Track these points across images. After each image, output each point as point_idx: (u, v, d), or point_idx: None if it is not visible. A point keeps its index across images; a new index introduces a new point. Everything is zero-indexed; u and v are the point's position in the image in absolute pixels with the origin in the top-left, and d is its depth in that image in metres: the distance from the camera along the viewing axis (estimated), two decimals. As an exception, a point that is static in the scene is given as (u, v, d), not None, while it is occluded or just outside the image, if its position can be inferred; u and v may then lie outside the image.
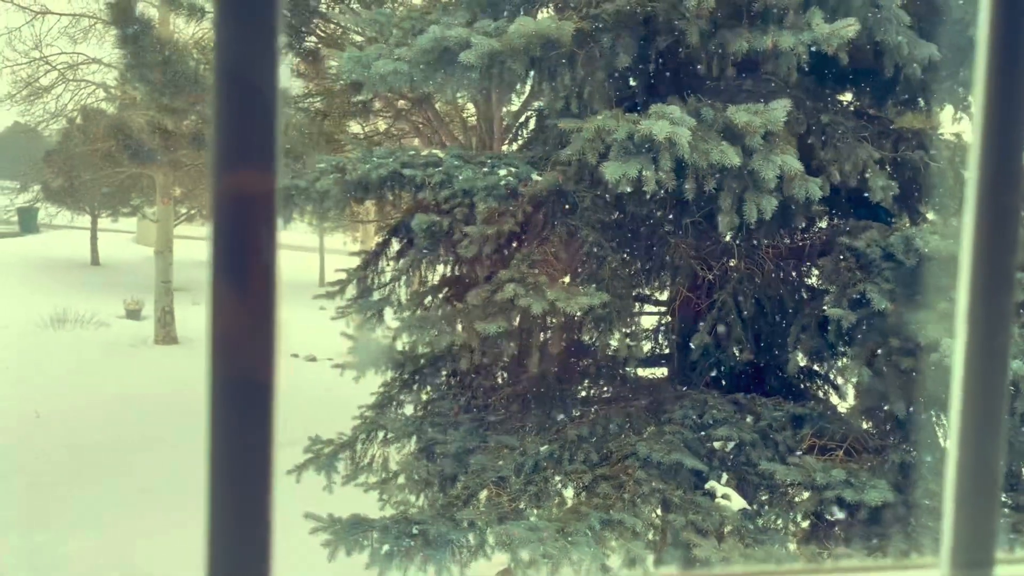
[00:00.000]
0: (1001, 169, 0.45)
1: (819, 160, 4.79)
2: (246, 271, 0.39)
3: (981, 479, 0.46)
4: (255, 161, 0.38)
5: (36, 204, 25.58)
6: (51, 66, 16.13)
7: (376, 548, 4.55)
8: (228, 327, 0.38)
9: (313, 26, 9.36)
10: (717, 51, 4.71)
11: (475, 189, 5.05)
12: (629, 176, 4.01)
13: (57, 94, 16.79)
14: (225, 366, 0.39)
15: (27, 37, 17.56)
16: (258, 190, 0.38)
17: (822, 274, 5.14)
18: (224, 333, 0.38)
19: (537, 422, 5.48)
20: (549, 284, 4.59)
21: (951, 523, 0.46)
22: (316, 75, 10.28)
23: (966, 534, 0.46)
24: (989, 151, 0.45)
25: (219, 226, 0.38)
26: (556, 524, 4.24)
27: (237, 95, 0.38)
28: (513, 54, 4.54)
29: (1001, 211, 0.45)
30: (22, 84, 16.40)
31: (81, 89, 17.39)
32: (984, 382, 0.46)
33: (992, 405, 0.46)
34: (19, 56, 15.88)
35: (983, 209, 0.46)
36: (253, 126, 0.38)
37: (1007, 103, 0.45)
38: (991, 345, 0.46)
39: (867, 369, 4.53)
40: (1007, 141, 0.45)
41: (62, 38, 16.25)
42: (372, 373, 6.75)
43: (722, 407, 5.02)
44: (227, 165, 0.38)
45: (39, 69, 15.82)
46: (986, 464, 0.46)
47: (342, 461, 6.04)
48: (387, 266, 6.44)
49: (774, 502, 4.93)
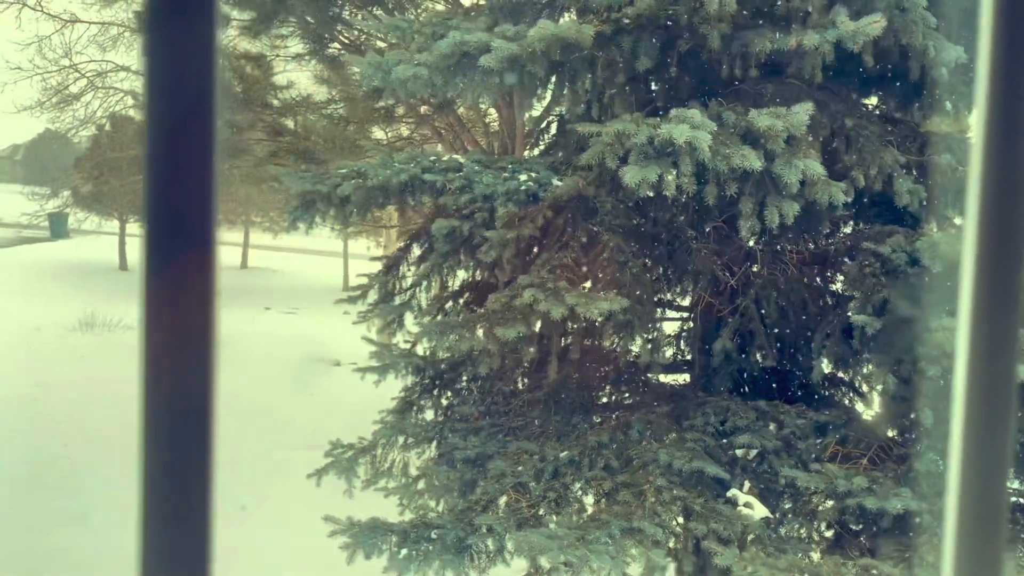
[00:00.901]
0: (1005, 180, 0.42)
1: (844, 164, 4.73)
2: (182, 285, 0.37)
3: (985, 514, 0.42)
4: (190, 175, 0.37)
5: (66, 209, 25.99)
6: (80, 74, 16.37)
7: (394, 552, 4.55)
8: (162, 349, 0.37)
9: (336, 33, 9.42)
10: (739, 53, 4.66)
11: (495, 194, 5.04)
12: (649, 181, 3.98)
13: (86, 101, 17.04)
14: (159, 389, 0.37)
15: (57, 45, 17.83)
16: (193, 205, 0.37)
17: (847, 279, 5.06)
18: (158, 355, 0.37)
19: (557, 428, 5.45)
20: (568, 289, 4.56)
21: (953, 560, 0.43)
22: (339, 81, 10.35)
23: (970, 569, 0.43)
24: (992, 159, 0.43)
25: (152, 240, 0.37)
26: (576, 531, 4.21)
27: (170, 109, 0.36)
28: (533, 58, 4.53)
29: (1006, 224, 0.43)
30: (52, 92, 16.66)
31: (110, 96, 17.63)
32: (988, 408, 0.43)
33: (997, 433, 0.42)
34: (49, 64, 16.14)
35: (986, 222, 0.43)
36: (187, 134, 0.37)
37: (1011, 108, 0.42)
38: (995, 368, 0.43)
39: (893, 376, 4.46)
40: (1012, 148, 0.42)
41: (91, 46, 16.45)
42: (393, 378, 6.77)
43: (744, 414, 4.95)
44: (159, 182, 0.37)
45: (69, 77, 16.05)
46: (991, 498, 0.42)
47: (362, 465, 6.05)
48: (408, 271, 6.46)
49: (797, 511, 4.86)
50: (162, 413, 0.37)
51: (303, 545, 6.69)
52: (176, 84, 0.36)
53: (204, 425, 0.37)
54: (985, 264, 0.43)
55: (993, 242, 0.43)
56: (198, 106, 0.36)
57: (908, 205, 4.67)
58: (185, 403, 0.37)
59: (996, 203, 0.43)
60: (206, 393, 0.37)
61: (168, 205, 0.36)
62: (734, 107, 4.41)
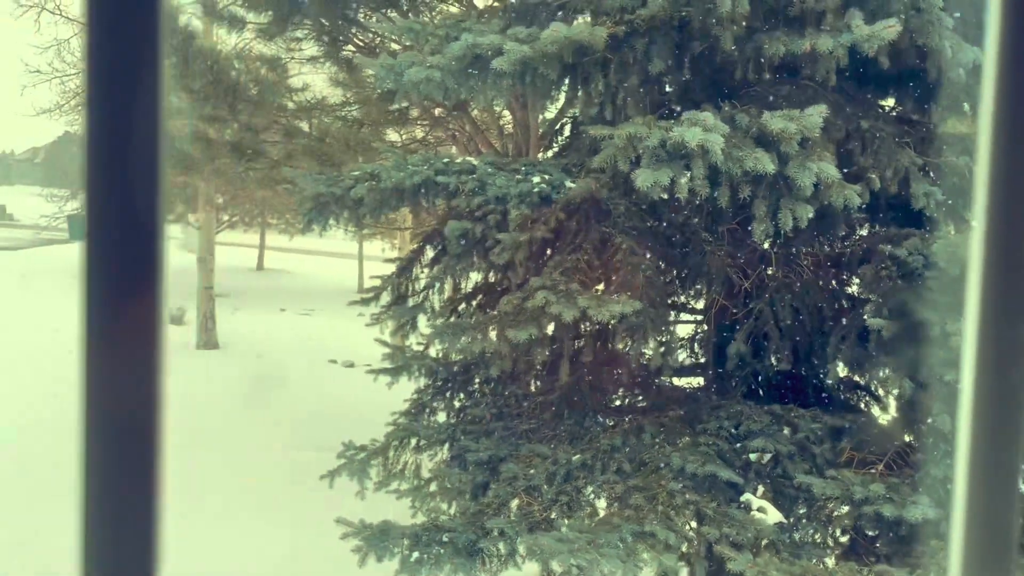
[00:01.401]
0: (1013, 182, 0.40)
1: (859, 166, 4.69)
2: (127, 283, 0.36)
3: (994, 542, 0.40)
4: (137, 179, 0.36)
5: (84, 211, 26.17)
6: (99, 76, 16.53)
7: (406, 555, 4.54)
8: (105, 366, 0.36)
9: (351, 35, 9.45)
10: (753, 55, 4.63)
11: (508, 196, 5.03)
12: (661, 183, 3.96)
13: (104, 104, 17.21)
14: (101, 410, 0.36)
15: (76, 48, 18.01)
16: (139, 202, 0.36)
17: (862, 283, 5.02)
18: (100, 373, 0.36)
19: (569, 431, 5.43)
20: (581, 291, 4.55)
21: (961, 570, 0.41)
22: (354, 84, 10.37)
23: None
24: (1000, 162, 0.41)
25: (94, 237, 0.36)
26: (587, 535, 4.19)
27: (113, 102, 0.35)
28: (546, 60, 4.52)
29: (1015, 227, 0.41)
30: (71, 94, 16.81)
31: (128, 99, 17.78)
32: (997, 427, 0.41)
33: (1006, 459, 0.40)
34: (68, 67, 16.29)
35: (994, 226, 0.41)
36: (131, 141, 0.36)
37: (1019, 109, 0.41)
38: (1003, 384, 0.41)
39: (909, 381, 4.41)
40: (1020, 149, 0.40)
41: (109, 49, 16.59)
42: (406, 379, 6.77)
43: (759, 418, 4.92)
44: (103, 185, 0.36)
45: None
46: (999, 527, 0.40)
47: (375, 467, 6.05)
48: (421, 273, 6.46)
49: (812, 516, 4.81)
50: (104, 417, 0.36)
51: (315, 546, 6.71)
52: (120, 73, 0.35)
53: (149, 431, 0.36)
54: (993, 268, 0.41)
55: (1001, 245, 0.41)
56: (144, 98, 0.35)
57: (925, 207, 4.62)
58: (129, 406, 0.36)
59: (1004, 206, 0.41)
60: (151, 393, 0.36)
61: (111, 203, 0.35)
62: (747, 109, 4.38)
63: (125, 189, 0.35)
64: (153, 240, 0.35)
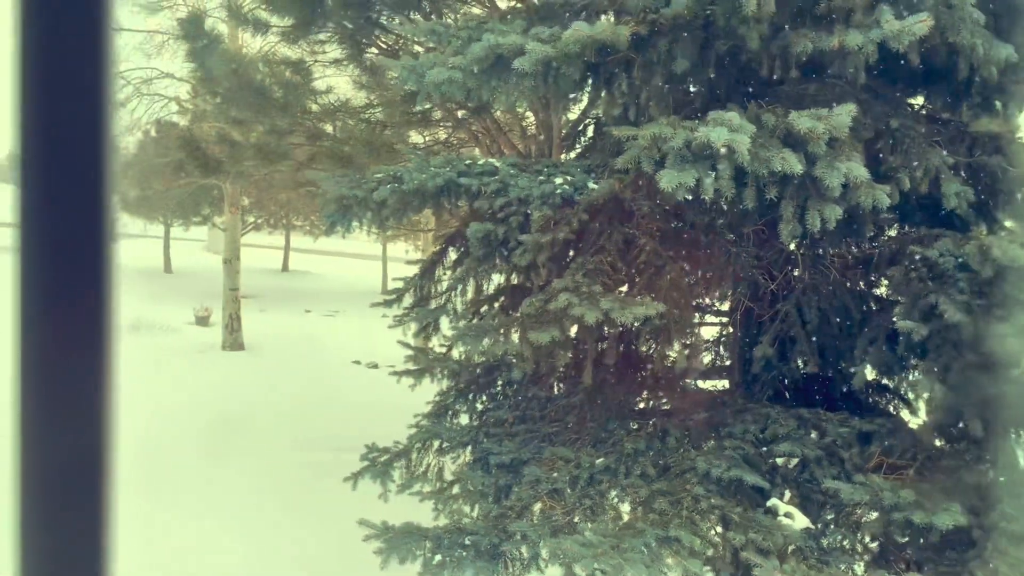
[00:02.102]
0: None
1: (888, 166, 4.60)
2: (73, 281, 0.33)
3: None
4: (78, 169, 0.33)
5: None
6: (126, 80, 16.75)
7: (428, 557, 4.53)
8: (45, 349, 0.33)
9: (374, 38, 9.47)
10: (779, 54, 4.56)
11: (530, 197, 5.00)
12: (686, 184, 3.91)
13: (132, 108, 17.43)
14: (40, 388, 0.34)
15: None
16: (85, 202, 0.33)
17: (892, 284, 4.92)
18: (38, 356, 0.33)
19: (593, 434, 5.39)
20: (604, 293, 4.50)
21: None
22: (377, 86, 10.39)
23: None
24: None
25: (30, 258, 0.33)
26: (611, 539, 4.15)
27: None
28: (568, 60, 4.49)
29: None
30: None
31: (155, 103, 18.02)
32: None
33: None
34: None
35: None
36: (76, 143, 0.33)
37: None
38: None
39: (940, 384, 4.31)
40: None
41: (137, 53, 16.84)
42: (429, 381, 6.77)
43: (785, 422, 4.84)
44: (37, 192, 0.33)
45: (115, 84, 16.45)
46: None
47: (397, 469, 6.05)
48: (444, 275, 6.45)
49: (840, 522, 4.73)
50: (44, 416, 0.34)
51: (338, 547, 6.72)
52: (61, 71, 0.32)
53: (96, 430, 0.34)
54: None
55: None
56: (90, 95, 0.32)
57: (956, 208, 4.53)
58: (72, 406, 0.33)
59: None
60: (99, 394, 0.33)
61: (44, 212, 0.33)
62: (774, 109, 4.31)
63: (62, 196, 0.33)
64: (95, 245, 0.33)
